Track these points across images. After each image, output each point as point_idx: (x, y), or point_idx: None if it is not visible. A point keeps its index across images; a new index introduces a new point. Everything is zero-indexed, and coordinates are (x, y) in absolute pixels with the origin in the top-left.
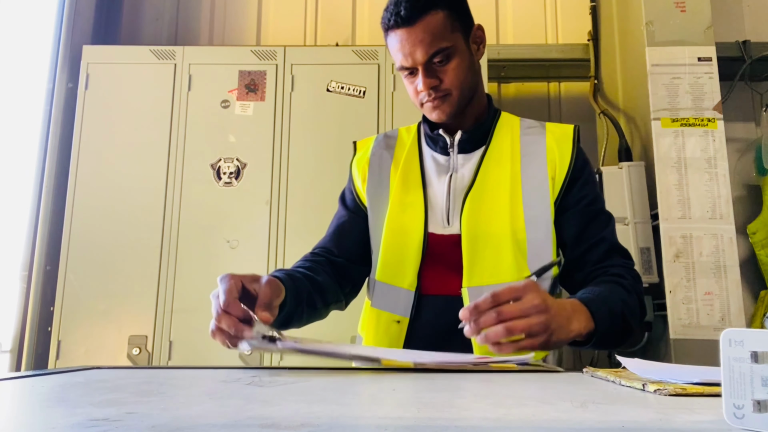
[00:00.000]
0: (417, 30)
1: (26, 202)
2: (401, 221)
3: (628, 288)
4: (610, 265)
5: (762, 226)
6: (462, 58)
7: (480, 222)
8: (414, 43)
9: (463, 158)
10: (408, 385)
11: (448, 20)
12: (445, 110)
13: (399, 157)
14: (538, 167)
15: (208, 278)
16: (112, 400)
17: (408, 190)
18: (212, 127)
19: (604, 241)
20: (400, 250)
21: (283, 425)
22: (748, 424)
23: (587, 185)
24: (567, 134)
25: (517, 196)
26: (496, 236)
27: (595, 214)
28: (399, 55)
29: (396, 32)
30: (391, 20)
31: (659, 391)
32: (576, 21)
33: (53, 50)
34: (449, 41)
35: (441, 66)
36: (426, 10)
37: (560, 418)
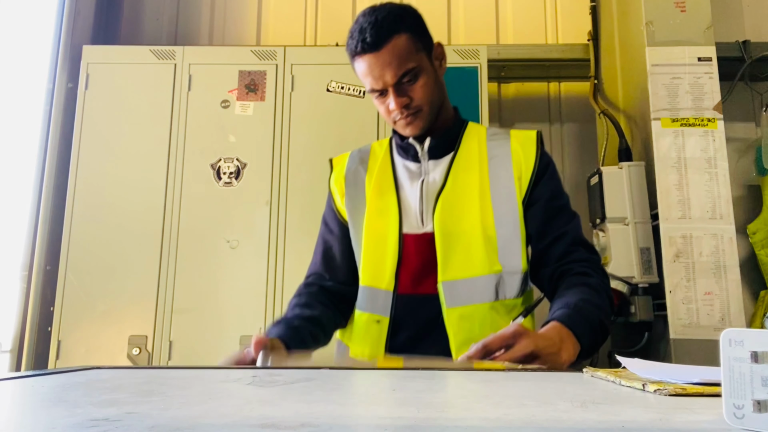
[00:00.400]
0: (384, 54)
1: (26, 202)
2: (377, 225)
3: (597, 287)
4: (575, 260)
5: (762, 226)
6: (428, 75)
7: (452, 220)
8: (383, 66)
9: (434, 164)
10: (408, 385)
11: (411, 42)
12: (418, 125)
13: (373, 168)
14: (505, 169)
15: (208, 278)
16: (112, 400)
17: (382, 196)
18: (212, 127)
19: (566, 235)
20: (378, 253)
21: (283, 425)
22: (748, 424)
23: (551, 182)
24: (530, 138)
25: (486, 195)
26: (468, 233)
27: (558, 209)
28: (369, 79)
29: (363, 57)
30: (358, 47)
31: (659, 391)
32: (576, 21)
33: (53, 50)
34: (415, 61)
35: (410, 85)
36: (391, 35)
37: (560, 418)
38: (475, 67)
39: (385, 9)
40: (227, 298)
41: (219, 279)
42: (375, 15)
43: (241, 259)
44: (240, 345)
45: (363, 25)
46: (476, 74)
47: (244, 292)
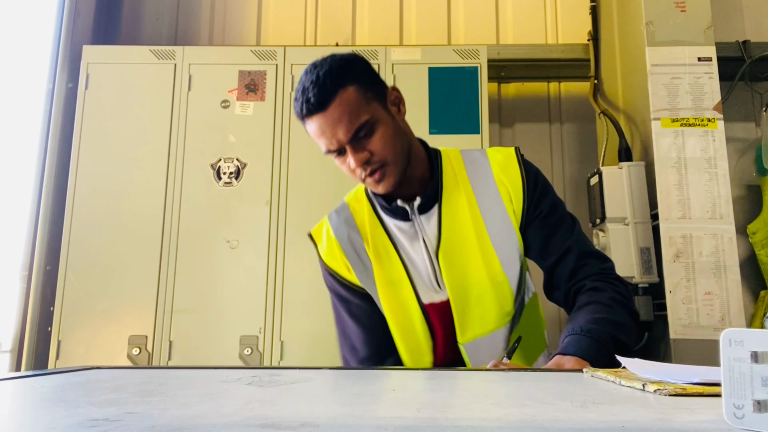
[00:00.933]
0: (332, 112)
1: (26, 203)
2: (396, 302)
3: (608, 302)
4: (586, 276)
5: (762, 226)
6: (386, 125)
7: (459, 278)
8: (333, 125)
9: (425, 218)
10: (408, 385)
11: (360, 93)
12: (389, 181)
13: (365, 232)
14: (496, 204)
15: (208, 278)
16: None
17: (388, 266)
18: (212, 127)
19: (571, 250)
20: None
21: (283, 425)
22: (748, 424)
23: (543, 197)
24: (511, 158)
25: (484, 239)
26: (478, 286)
27: (555, 224)
28: (322, 140)
29: (312, 119)
30: (304, 109)
31: (659, 391)
32: (576, 21)
33: (53, 50)
34: (368, 113)
35: (367, 139)
36: (335, 90)
37: (560, 418)
38: (475, 67)
39: (326, 63)
40: (227, 298)
41: (219, 279)
42: (316, 72)
43: (241, 259)
44: (240, 345)
45: (305, 84)
46: (476, 74)
47: (244, 292)
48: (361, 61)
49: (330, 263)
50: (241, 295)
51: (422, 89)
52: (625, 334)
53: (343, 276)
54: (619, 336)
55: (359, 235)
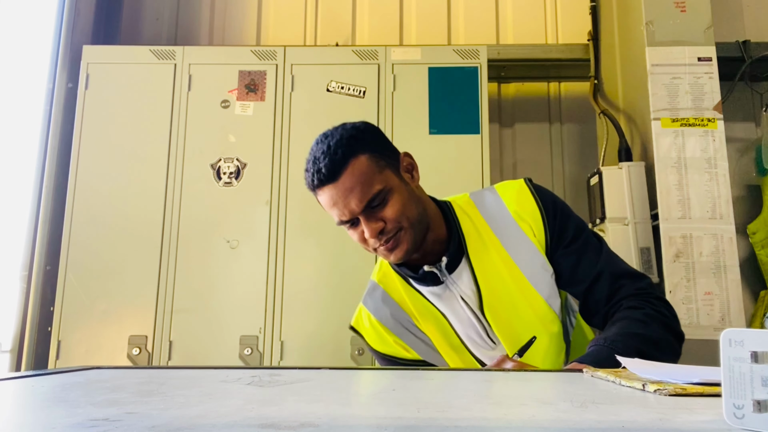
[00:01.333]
0: (344, 182)
1: (26, 203)
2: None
3: (641, 318)
4: (623, 297)
5: (762, 226)
6: (399, 192)
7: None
8: (345, 196)
9: (456, 276)
10: (408, 385)
11: (372, 162)
12: (403, 248)
13: (408, 309)
14: (521, 241)
15: (208, 278)
16: (112, 400)
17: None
18: (212, 127)
19: (602, 275)
20: None
21: (283, 425)
22: (748, 424)
23: (566, 224)
24: (523, 191)
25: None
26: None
27: (580, 249)
28: (334, 211)
29: (324, 190)
30: (315, 180)
31: (659, 391)
32: (576, 21)
33: (53, 50)
34: (381, 182)
35: (380, 208)
36: (346, 161)
37: (560, 418)
38: (475, 67)
39: (336, 133)
40: (227, 298)
41: (219, 279)
42: (327, 142)
43: (241, 259)
44: (240, 345)
45: (316, 154)
46: (476, 74)
47: (244, 292)
48: (373, 130)
49: (384, 349)
50: (241, 295)
51: (422, 89)
52: (658, 350)
53: (403, 357)
54: (646, 350)
55: (403, 311)
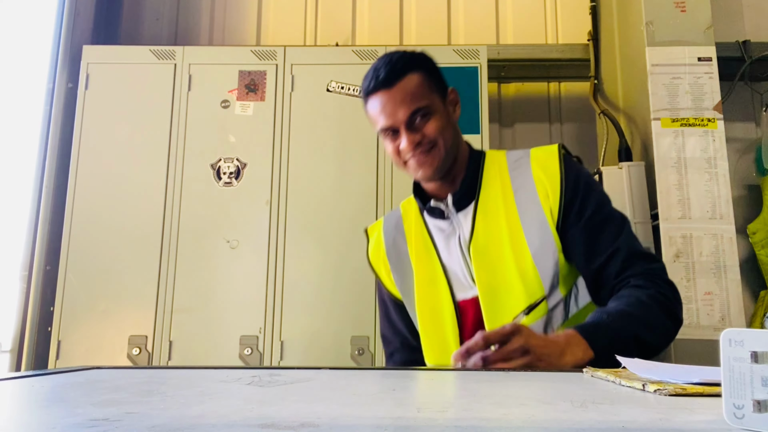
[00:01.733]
0: (397, 91)
1: (26, 202)
2: (430, 298)
3: (645, 300)
4: (633, 274)
5: (762, 226)
6: (441, 116)
7: (489, 273)
8: (395, 103)
9: (463, 215)
10: (408, 385)
11: (424, 82)
12: (432, 164)
13: (410, 235)
14: (531, 200)
15: (208, 278)
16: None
17: (426, 263)
18: (212, 127)
19: (619, 251)
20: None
21: (283, 425)
22: (748, 424)
23: (587, 196)
24: (551, 155)
25: (517, 234)
26: (507, 282)
27: (601, 224)
28: (381, 117)
29: (376, 96)
30: (371, 84)
31: (659, 391)
32: (576, 21)
33: (53, 50)
34: (427, 100)
35: (422, 122)
36: (404, 73)
37: (560, 418)
38: (475, 67)
39: (399, 52)
40: (227, 298)
41: (219, 279)
42: (390, 56)
43: (241, 259)
44: (240, 345)
45: (377, 65)
46: (476, 74)
47: (244, 292)
48: (432, 59)
49: (373, 262)
50: (241, 295)
51: None
52: (655, 334)
53: (381, 278)
54: (642, 335)
55: (405, 239)
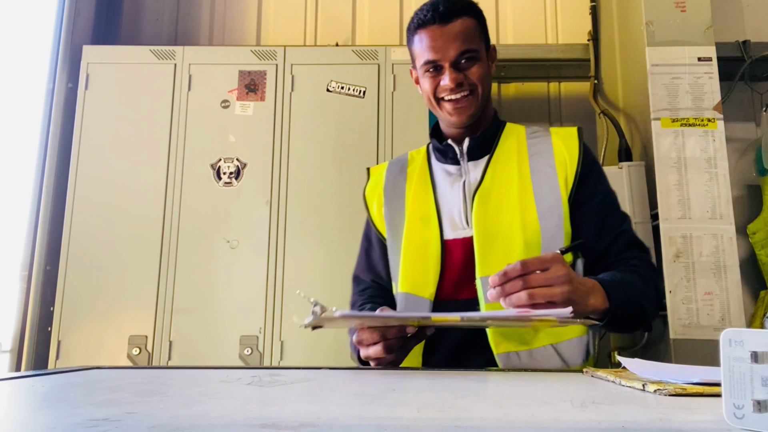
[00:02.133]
0: (452, 27)
1: (26, 202)
2: (418, 232)
3: (645, 277)
4: (629, 257)
5: (762, 226)
6: (484, 64)
7: (490, 219)
8: (448, 39)
9: (474, 164)
10: (408, 385)
11: (476, 28)
12: (469, 109)
13: (412, 176)
14: (547, 164)
15: (208, 278)
16: (112, 400)
17: (421, 202)
18: (212, 127)
19: (624, 234)
20: (419, 260)
21: (283, 425)
22: (748, 424)
23: (600, 182)
24: (572, 135)
25: (527, 191)
26: (507, 230)
27: (610, 208)
28: (428, 50)
29: (429, 28)
30: (428, 16)
31: (659, 391)
32: (576, 21)
33: (53, 50)
34: (478, 45)
35: (468, 64)
36: (461, 13)
37: (560, 418)
38: None
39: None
40: (227, 298)
41: (219, 279)
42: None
43: (241, 259)
44: (240, 345)
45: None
46: None
47: (244, 292)
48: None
49: (368, 196)
50: (241, 295)
51: None
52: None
53: (371, 213)
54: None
55: (405, 180)
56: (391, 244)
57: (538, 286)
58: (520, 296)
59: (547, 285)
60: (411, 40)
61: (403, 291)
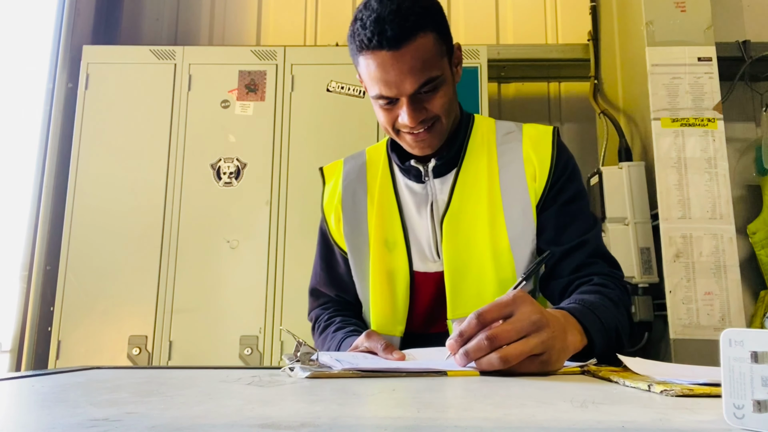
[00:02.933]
0: (405, 55)
1: (26, 202)
2: (385, 265)
3: (616, 300)
4: (594, 273)
5: (762, 226)
6: (448, 85)
7: (460, 250)
8: (401, 71)
9: (440, 182)
10: (408, 385)
11: (436, 44)
12: (432, 143)
13: (373, 189)
14: (518, 180)
15: (208, 278)
16: (112, 400)
17: (386, 226)
18: (212, 127)
19: (586, 244)
20: (387, 296)
21: (283, 425)
22: (748, 424)
23: (569, 183)
24: (545, 136)
25: (497, 212)
26: (477, 263)
27: (575, 213)
28: (380, 84)
29: (377, 54)
30: (373, 40)
31: (666, 391)
32: (576, 21)
33: (53, 50)
34: (439, 69)
35: (428, 96)
36: (415, 32)
37: (560, 418)
38: (475, 67)
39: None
40: (227, 298)
41: (219, 279)
42: (398, 2)
43: (241, 259)
44: (240, 345)
45: (381, 13)
46: (476, 74)
47: (244, 292)
48: (441, 8)
49: (326, 208)
50: (241, 295)
51: None
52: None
53: (329, 227)
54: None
55: (365, 192)
56: (355, 266)
57: (509, 341)
58: (491, 361)
59: (520, 336)
60: (355, 60)
61: (374, 328)
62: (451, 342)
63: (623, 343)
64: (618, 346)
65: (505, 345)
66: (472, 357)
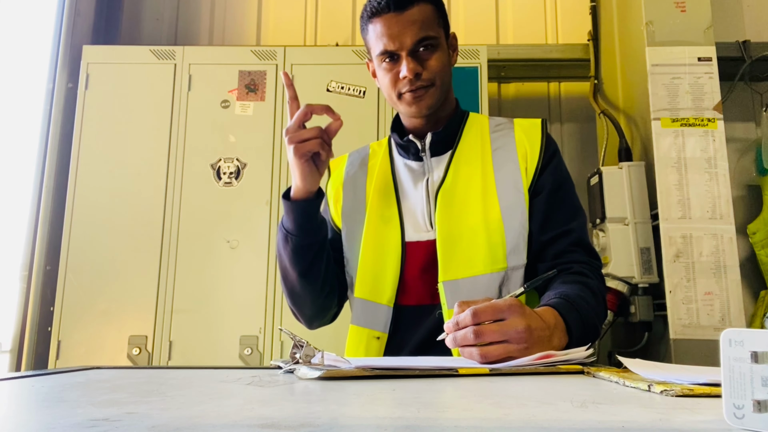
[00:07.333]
0: (407, 15)
1: (26, 202)
2: (379, 234)
3: (594, 290)
4: (574, 261)
5: (762, 226)
6: (443, 53)
7: (453, 219)
8: (403, 27)
9: (436, 160)
10: (408, 385)
11: (436, 14)
12: (427, 102)
13: (373, 171)
14: (510, 159)
15: (208, 278)
16: (112, 400)
17: (382, 201)
18: (212, 127)
19: (570, 233)
20: (377, 264)
21: (283, 425)
22: (748, 424)
23: (556, 172)
24: (535, 126)
25: (490, 188)
26: (470, 230)
27: (561, 201)
28: (383, 40)
29: (384, 17)
30: (381, 4)
31: (666, 392)
32: (576, 21)
33: (53, 50)
34: (435, 32)
35: (426, 53)
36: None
37: (560, 418)
38: (475, 67)
39: None
40: (227, 298)
41: (219, 279)
42: None
43: (241, 259)
44: (240, 345)
45: None
46: (476, 74)
47: (244, 292)
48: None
49: (329, 190)
50: (241, 295)
51: None
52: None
53: (330, 206)
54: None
55: (366, 174)
56: (348, 243)
57: (492, 342)
58: (472, 353)
59: (503, 340)
60: (365, 30)
61: (359, 297)
62: (448, 325)
63: (598, 332)
64: (593, 336)
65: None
66: (458, 344)
